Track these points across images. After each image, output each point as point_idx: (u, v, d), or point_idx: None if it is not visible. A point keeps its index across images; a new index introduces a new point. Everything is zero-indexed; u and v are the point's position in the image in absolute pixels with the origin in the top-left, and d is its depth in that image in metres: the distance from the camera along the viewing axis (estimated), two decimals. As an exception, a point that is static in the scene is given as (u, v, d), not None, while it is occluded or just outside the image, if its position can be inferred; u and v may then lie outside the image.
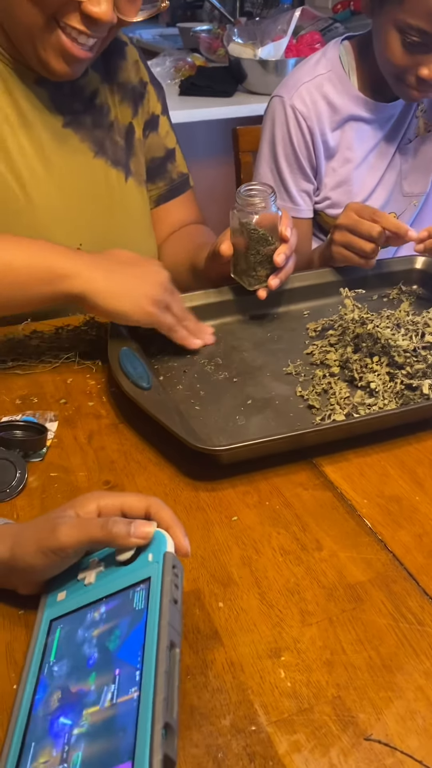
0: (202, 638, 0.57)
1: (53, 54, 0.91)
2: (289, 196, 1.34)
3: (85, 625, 0.53)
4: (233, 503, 0.70)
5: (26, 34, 0.90)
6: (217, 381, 0.89)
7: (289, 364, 0.92)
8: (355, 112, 1.30)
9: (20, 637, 0.57)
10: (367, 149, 1.33)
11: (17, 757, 0.46)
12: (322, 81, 1.29)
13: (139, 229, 1.15)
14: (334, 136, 1.31)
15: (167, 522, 0.55)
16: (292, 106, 1.28)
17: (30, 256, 0.83)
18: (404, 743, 0.49)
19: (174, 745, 0.44)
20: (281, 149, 1.31)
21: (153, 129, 1.17)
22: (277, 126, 1.31)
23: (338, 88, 1.29)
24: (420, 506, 0.70)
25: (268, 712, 0.51)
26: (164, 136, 1.19)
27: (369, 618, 0.58)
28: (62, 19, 0.87)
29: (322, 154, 1.31)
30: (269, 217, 0.94)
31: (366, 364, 0.87)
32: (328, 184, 1.34)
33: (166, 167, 1.20)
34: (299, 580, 0.62)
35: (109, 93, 1.09)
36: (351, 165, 1.33)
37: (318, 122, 1.29)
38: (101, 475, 0.74)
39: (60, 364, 0.93)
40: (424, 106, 1.35)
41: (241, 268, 0.98)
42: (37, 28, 0.88)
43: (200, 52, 2.56)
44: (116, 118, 1.10)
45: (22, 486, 0.72)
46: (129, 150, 1.12)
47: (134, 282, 0.87)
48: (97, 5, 0.85)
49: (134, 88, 1.12)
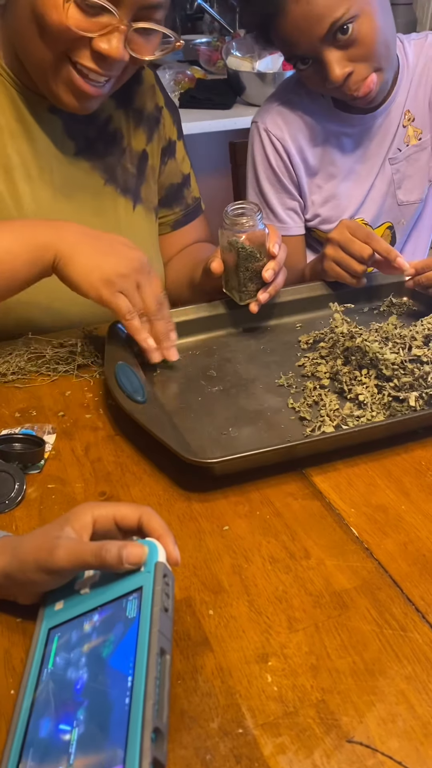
0: (193, 644, 0.59)
1: (64, 89, 0.91)
2: (275, 216, 1.36)
3: (81, 633, 0.55)
4: (225, 513, 0.73)
5: (39, 68, 0.91)
6: (211, 393, 0.92)
7: (281, 376, 0.94)
8: (333, 128, 1.31)
9: (18, 643, 0.59)
10: (351, 162, 1.35)
11: (16, 762, 0.48)
12: (294, 99, 1.31)
13: (147, 256, 1.17)
14: (315, 153, 1.33)
15: (158, 531, 0.58)
16: (265, 129, 1.31)
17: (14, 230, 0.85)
18: (385, 745, 0.51)
19: (164, 749, 0.47)
20: (262, 172, 1.34)
21: (171, 156, 1.18)
22: (255, 150, 1.35)
23: (312, 108, 1.30)
24: (405, 515, 0.72)
25: (254, 715, 0.53)
26: (181, 161, 1.21)
27: (354, 624, 0.60)
28: (73, 56, 0.87)
29: (303, 172, 1.33)
30: (257, 234, 0.97)
31: (355, 376, 0.90)
32: (316, 201, 1.36)
33: (183, 193, 1.23)
34: (287, 588, 0.64)
35: (123, 119, 1.09)
36: (336, 180, 1.35)
37: (293, 142, 1.31)
38: (97, 486, 0.77)
39: (58, 378, 0.95)
40: (411, 114, 1.36)
41: (231, 284, 1.01)
42: (48, 64, 0.88)
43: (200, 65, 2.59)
44: (129, 145, 1.11)
45: (21, 498, 0.74)
46: (140, 177, 1.13)
47: (99, 256, 0.86)
48: (107, 42, 0.85)
49: (150, 115, 1.13)
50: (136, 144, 1.12)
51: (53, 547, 0.55)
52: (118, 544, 0.55)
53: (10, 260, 0.84)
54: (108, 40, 0.85)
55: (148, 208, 1.16)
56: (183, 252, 1.26)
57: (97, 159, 1.07)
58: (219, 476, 0.76)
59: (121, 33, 0.85)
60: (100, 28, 0.85)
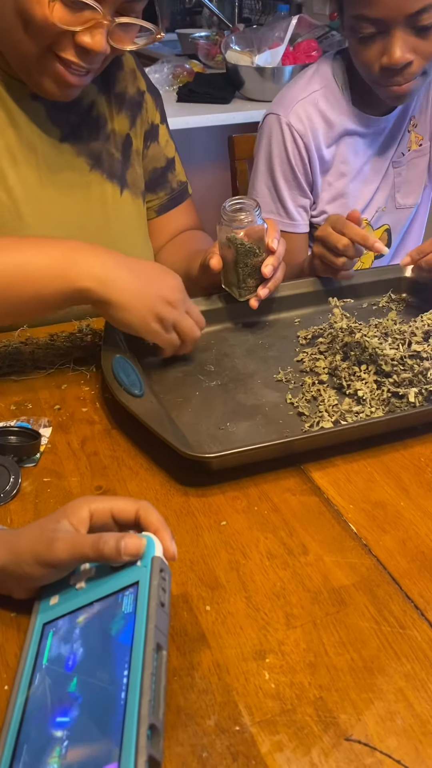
0: (189, 640, 0.58)
1: (48, 80, 0.92)
2: (286, 212, 1.35)
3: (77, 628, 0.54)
4: (222, 508, 0.72)
5: (21, 59, 0.91)
6: (209, 388, 0.91)
7: (280, 371, 0.94)
8: (350, 126, 1.31)
9: (12, 638, 0.59)
10: (362, 163, 1.35)
11: (10, 758, 0.48)
12: (317, 97, 1.30)
13: (135, 242, 1.16)
14: (330, 151, 1.32)
15: (155, 525, 0.57)
16: (288, 124, 1.30)
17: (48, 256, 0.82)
18: (383, 743, 0.51)
19: (159, 746, 0.46)
20: (278, 167, 1.33)
21: (153, 139, 1.18)
22: (273, 144, 1.33)
23: (332, 103, 1.30)
24: (404, 512, 0.71)
25: (252, 712, 0.53)
26: (164, 145, 1.20)
27: (352, 621, 0.60)
28: (57, 50, 0.88)
29: (318, 169, 1.33)
30: (255, 230, 0.96)
31: (354, 372, 0.89)
32: (324, 198, 1.36)
33: (167, 177, 1.22)
34: (285, 584, 0.63)
35: (106, 104, 1.10)
36: (346, 179, 1.34)
37: (314, 138, 1.30)
38: (93, 480, 0.76)
39: (54, 371, 0.94)
40: (416, 120, 1.37)
41: (230, 280, 1.00)
42: (32, 56, 0.89)
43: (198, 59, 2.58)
44: (113, 130, 1.11)
45: (16, 491, 0.73)
46: (125, 162, 1.13)
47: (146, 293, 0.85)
48: (90, 36, 0.86)
49: (132, 99, 1.13)
50: (119, 128, 1.12)
51: (51, 540, 0.55)
52: (115, 536, 0.54)
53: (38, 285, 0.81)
54: (91, 34, 0.87)
55: (135, 193, 1.15)
56: (175, 241, 1.24)
57: (82, 145, 1.07)
58: (216, 471, 0.75)
59: (104, 27, 0.87)
60: (83, 23, 0.86)
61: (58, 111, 1.03)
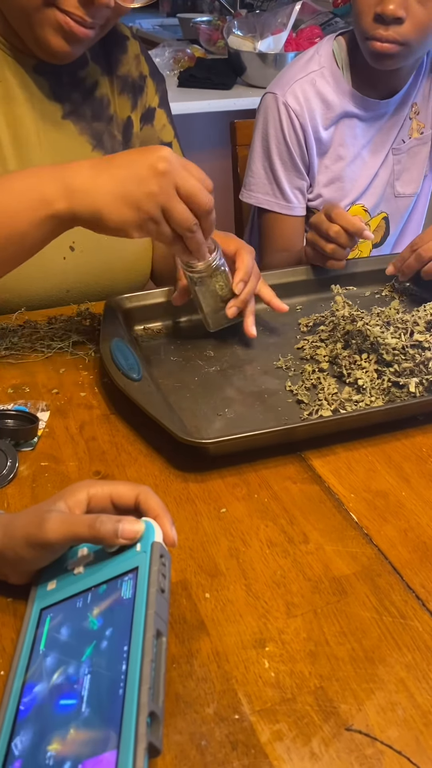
0: (188, 628, 0.57)
1: (52, 32, 0.90)
2: (282, 194, 1.34)
3: (74, 614, 0.53)
4: (222, 495, 0.71)
5: (23, 15, 0.90)
6: (208, 373, 0.90)
7: (280, 358, 0.93)
8: (349, 108, 1.30)
9: (8, 624, 0.58)
10: (360, 146, 1.34)
11: (6, 744, 0.47)
12: (315, 78, 1.29)
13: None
14: (328, 133, 1.31)
15: (155, 511, 0.56)
16: (285, 103, 1.28)
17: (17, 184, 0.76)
18: (384, 734, 0.50)
19: (159, 733, 0.45)
20: (275, 147, 1.32)
21: (148, 122, 1.16)
22: (270, 123, 1.31)
23: (332, 84, 1.29)
24: (406, 502, 0.71)
25: (251, 701, 0.52)
26: (160, 129, 1.18)
27: (353, 611, 0.59)
28: (59, 2, 0.87)
29: (315, 151, 1.31)
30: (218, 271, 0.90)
31: (355, 360, 0.88)
32: (321, 181, 1.35)
33: None
34: (285, 573, 0.62)
35: (109, 86, 1.08)
36: (343, 162, 1.33)
37: (311, 119, 1.29)
38: (92, 465, 0.75)
39: (53, 354, 0.93)
40: (417, 108, 1.35)
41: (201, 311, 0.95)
42: (33, 9, 0.87)
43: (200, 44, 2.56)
44: (115, 112, 1.09)
45: (13, 475, 0.72)
46: (126, 144, 1.12)
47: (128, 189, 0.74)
48: None
49: (134, 82, 1.11)
50: (121, 111, 1.10)
51: (42, 520, 0.54)
52: (113, 518, 0.53)
53: (11, 222, 0.76)
54: None
55: None
56: None
57: (85, 123, 1.05)
58: (214, 457, 0.74)
59: None
60: None
61: (61, 86, 1.02)
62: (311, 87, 1.28)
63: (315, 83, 1.28)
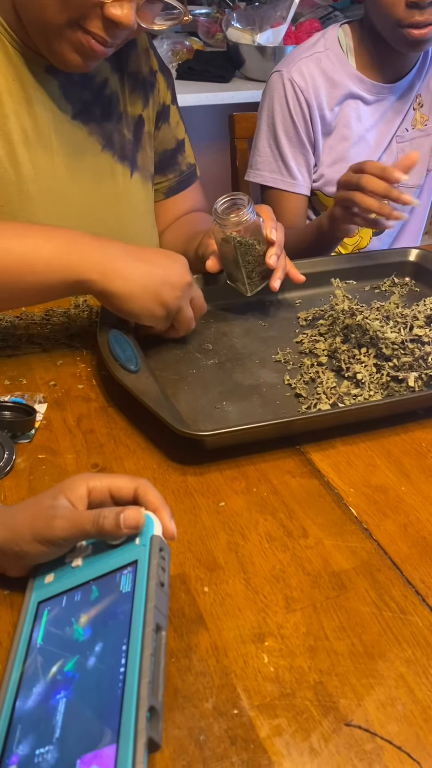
0: (187, 622, 0.57)
1: (70, 49, 0.89)
2: (288, 170, 1.34)
3: (73, 607, 0.53)
4: (221, 489, 0.71)
5: (43, 29, 0.88)
6: (206, 366, 0.89)
7: (279, 351, 0.92)
8: (353, 89, 1.31)
9: (5, 617, 0.57)
10: (364, 129, 1.34)
11: (4, 738, 0.46)
12: (321, 57, 1.30)
13: (143, 224, 1.14)
14: (332, 113, 1.32)
15: (155, 504, 0.56)
16: (290, 79, 1.29)
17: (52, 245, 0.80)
18: (384, 729, 0.50)
19: (159, 728, 0.45)
20: (280, 123, 1.32)
21: (165, 120, 1.15)
22: (276, 100, 1.32)
23: (336, 65, 1.30)
24: (405, 497, 0.70)
25: (250, 696, 0.52)
26: (175, 126, 1.18)
27: (352, 606, 0.59)
28: (83, 23, 0.85)
29: (320, 129, 1.32)
30: (251, 226, 0.92)
31: (354, 354, 0.88)
32: (325, 161, 1.35)
33: (177, 159, 1.19)
34: (285, 567, 0.62)
35: (119, 83, 1.07)
36: (347, 143, 1.34)
37: (316, 97, 1.29)
38: (90, 458, 0.74)
39: (50, 347, 0.92)
40: (422, 99, 1.36)
41: (235, 277, 0.97)
42: (56, 26, 0.86)
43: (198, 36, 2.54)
44: (125, 110, 1.08)
45: (10, 467, 0.72)
46: (137, 143, 1.10)
47: (150, 282, 0.82)
48: (120, 9, 0.83)
49: (145, 79, 1.10)
50: (132, 109, 1.09)
51: (50, 516, 0.53)
52: (114, 510, 0.53)
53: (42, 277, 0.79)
54: (121, 6, 0.84)
55: (145, 176, 1.13)
56: (178, 223, 1.22)
57: (94, 123, 1.04)
58: (212, 450, 0.74)
59: (134, 1, 0.84)
60: None
61: (72, 86, 1.00)
62: (316, 65, 1.30)
63: (320, 62, 1.30)
